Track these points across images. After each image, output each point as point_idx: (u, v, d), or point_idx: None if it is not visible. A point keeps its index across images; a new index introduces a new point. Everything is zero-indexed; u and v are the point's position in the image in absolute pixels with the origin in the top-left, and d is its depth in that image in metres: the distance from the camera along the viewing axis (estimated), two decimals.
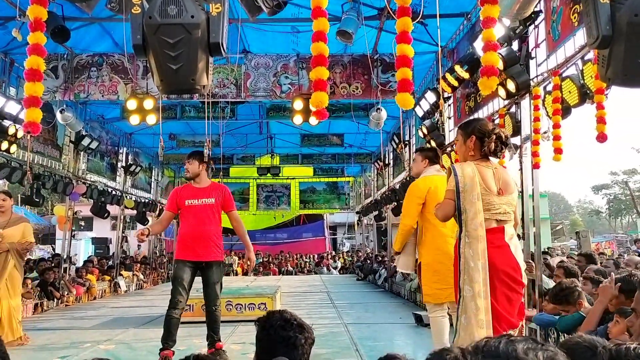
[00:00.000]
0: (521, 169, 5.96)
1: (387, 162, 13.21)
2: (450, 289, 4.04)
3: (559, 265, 5.90)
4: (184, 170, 5.39)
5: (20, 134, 8.38)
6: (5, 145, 8.22)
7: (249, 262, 5.32)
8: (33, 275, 9.71)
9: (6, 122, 8.18)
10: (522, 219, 5.68)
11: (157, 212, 15.89)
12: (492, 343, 1.00)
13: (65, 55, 8.66)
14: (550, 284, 5.92)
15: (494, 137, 3.11)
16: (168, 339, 4.75)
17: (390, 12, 4.44)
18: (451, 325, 4.20)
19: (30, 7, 3.04)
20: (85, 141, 10.46)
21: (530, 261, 5.48)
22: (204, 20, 2.92)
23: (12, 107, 8.14)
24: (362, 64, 9.12)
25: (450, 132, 8.57)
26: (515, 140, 6.00)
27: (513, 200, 3.17)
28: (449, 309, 4.23)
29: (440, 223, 4.20)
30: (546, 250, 10.53)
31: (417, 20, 4.03)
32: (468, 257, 2.94)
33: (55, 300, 9.59)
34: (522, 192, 5.83)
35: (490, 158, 3.20)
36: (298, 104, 8.75)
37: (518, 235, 3.45)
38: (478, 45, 6.28)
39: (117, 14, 7.00)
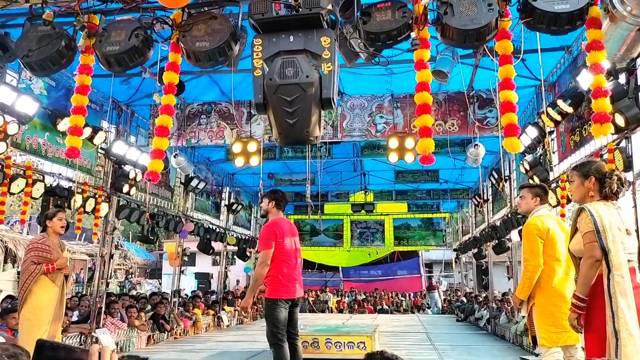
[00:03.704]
0: (635, 206, 5.64)
1: (485, 197, 12.86)
2: (565, 333, 3.92)
3: None
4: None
5: (139, 178, 9.22)
6: (126, 188, 9.07)
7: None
8: (147, 309, 10.43)
9: (127, 167, 9.05)
10: (639, 258, 5.34)
11: (256, 248, 16.51)
12: None
13: (178, 105, 9.46)
14: None
15: (616, 177, 3.11)
16: None
17: (487, 51, 4.50)
18: None
19: (166, 73, 3.48)
20: (194, 182, 11.26)
21: None
22: (317, 79, 3.19)
23: (133, 154, 9.00)
24: (457, 100, 9.11)
25: (555, 168, 8.26)
26: (627, 176, 5.71)
27: (636, 240, 3.13)
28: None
29: (557, 264, 4.10)
30: None
31: (519, 58, 4.06)
32: (619, 298, 2.88)
33: (166, 332, 10.20)
34: (637, 230, 5.50)
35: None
36: (393, 143, 8.84)
37: None
38: (581, 79, 6.10)
39: (224, 65, 7.62)
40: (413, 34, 3.22)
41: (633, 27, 2.89)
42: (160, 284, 24.87)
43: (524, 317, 5.26)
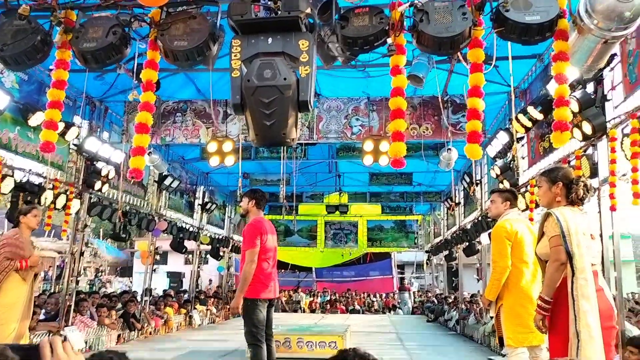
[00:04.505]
0: (600, 212, 5.84)
1: (457, 201, 13.08)
2: (531, 333, 4.04)
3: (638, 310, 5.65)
4: None
5: (112, 175, 9.11)
6: (98, 185, 8.94)
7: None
8: (117, 307, 10.30)
9: (100, 164, 8.92)
10: (602, 262, 5.54)
11: (230, 247, 16.45)
12: None
13: (154, 102, 9.36)
14: (634, 331, 5.67)
15: (582, 184, 3.22)
16: None
17: (461, 58, 4.60)
18: None
19: (144, 71, 3.48)
20: (168, 181, 11.17)
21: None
22: (294, 81, 3.25)
23: (106, 151, 8.89)
24: (432, 105, 9.25)
25: (524, 173, 8.47)
26: (593, 182, 5.91)
27: (600, 244, 3.25)
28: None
29: (524, 266, 4.22)
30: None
31: (492, 65, 4.18)
32: (582, 300, 2.98)
33: (136, 331, 10.09)
34: (601, 234, 5.70)
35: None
36: (368, 145, 8.91)
37: None
38: (552, 86, 6.28)
39: (200, 64, 7.60)
40: (389, 40, 3.30)
41: (599, 40, 3.02)
42: (131, 282, 24.51)
43: (492, 317, 5.38)
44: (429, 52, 3.62)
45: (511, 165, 8.34)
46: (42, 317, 8.27)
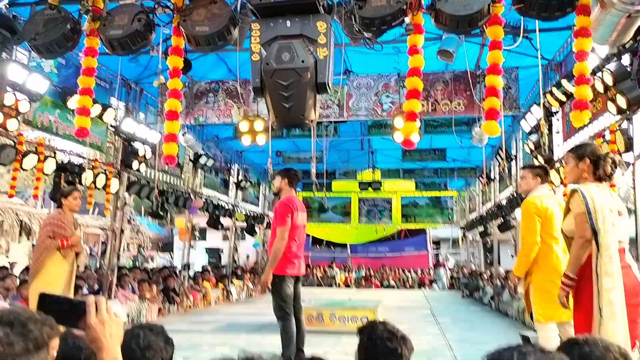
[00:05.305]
0: (634, 187, 5.70)
1: (492, 177, 12.89)
2: (560, 309, 4.02)
3: None
4: None
5: (149, 155, 9.39)
6: (135, 164, 9.24)
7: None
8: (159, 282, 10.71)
9: (137, 144, 9.21)
10: (636, 238, 5.43)
11: (265, 224, 16.74)
12: (505, 354, 1.08)
13: (186, 84, 9.55)
14: None
15: (610, 160, 3.17)
16: None
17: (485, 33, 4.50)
18: None
19: (170, 57, 3.59)
20: (203, 159, 11.43)
21: None
22: (312, 64, 3.29)
23: (143, 131, 9.15)
24: (464, 80, 9.07)
25: (559, 148, 8.28)
26: (628, 157, 5.75)
27: (628, 221, 3.22)
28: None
29: (554, 242, 4.19)
30: None
31: (520, 37, 4.12)
32: (605, 278, 2.97)
33: (176, 304, 10.49)
34: (635, 210, 5.57)
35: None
36: (399, 122, 8.84)
37: None
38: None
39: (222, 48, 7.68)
40: (407, 20, 3.29)
41: (622, 14, 2.93)
42: (172, 257, 25.26)
43: (522, 293, 5.37)
44: (447, 30, 3.57)
45: (540, 143, 8.17)
46: (85, 292, 8.69)
